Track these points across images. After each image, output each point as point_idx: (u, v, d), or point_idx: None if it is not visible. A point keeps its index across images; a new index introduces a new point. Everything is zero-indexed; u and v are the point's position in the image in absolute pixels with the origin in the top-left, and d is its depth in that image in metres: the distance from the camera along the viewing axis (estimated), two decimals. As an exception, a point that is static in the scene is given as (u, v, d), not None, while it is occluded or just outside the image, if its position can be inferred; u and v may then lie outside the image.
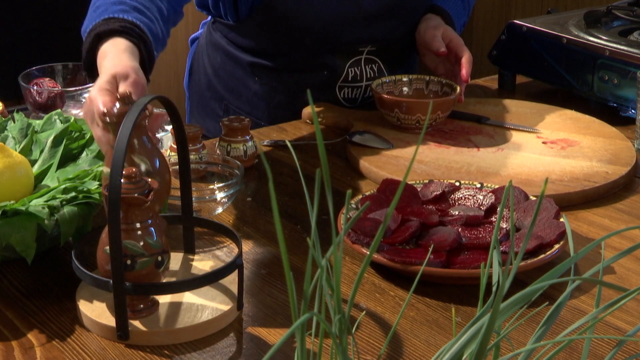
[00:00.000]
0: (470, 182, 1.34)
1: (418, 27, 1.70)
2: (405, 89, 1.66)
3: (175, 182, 1.18)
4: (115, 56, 1.23)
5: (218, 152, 1.47)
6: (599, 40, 1.73)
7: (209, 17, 1.84)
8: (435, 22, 1.69)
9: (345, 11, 1.65)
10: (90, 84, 1.71)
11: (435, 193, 1.30)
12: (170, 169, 1.19)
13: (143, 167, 1.09)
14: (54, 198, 1.15)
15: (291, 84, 1.72)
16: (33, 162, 1.29)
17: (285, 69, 1.72)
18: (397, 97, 1.61)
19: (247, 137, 1.48)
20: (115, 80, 1.17)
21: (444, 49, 1.62)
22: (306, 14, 1.63)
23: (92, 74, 1.30)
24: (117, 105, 1.09)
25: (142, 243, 1.03)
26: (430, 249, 1.14)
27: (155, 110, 1.22)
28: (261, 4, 1.64)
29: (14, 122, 1.35)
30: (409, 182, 1.33)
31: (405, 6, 1.71)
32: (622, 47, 1.69)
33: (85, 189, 1.16)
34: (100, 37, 1.29)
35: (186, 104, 1.93)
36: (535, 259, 1.15)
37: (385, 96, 1.58)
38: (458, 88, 1.61)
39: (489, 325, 0.68)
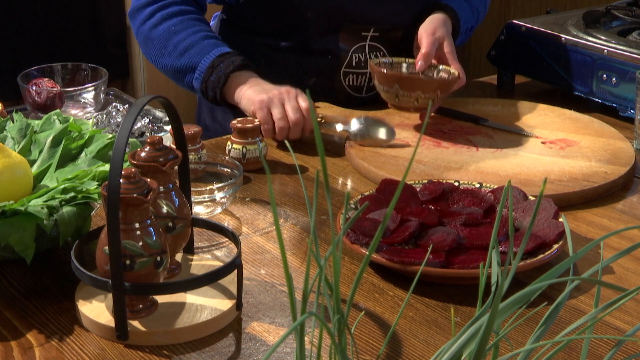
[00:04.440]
0: (469, 182, 1.34)
1: (421, 26, 1.68)
2: (402, 71, 1.64)
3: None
4: (263, 83, 1.59)
5: (232, 155, 1.46)
6: (598, 40, 1.73)
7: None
8: (436, 25, 1.65)
9: None
10: (89, 84, 1.71)
11: (434, 193, 1.30)
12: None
13: (165, 210, 1.10)
14: (53, 198, 1.15)
15: (296, 68, 1.73)
16: (32, 162, 1.29)
17: (290, 49, 1.72)
18: (398, 73, 1.59)
19: (258, 139, 1.48)
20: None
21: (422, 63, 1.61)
22: None
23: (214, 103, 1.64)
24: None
25: (141, 243, 1.03)
26: (429, 249, 1.14)
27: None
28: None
29: (13, 122, 1.35)
30: (408, 182, 1.33)
31: None
32: (621, 47, 1.69)
33: (84, 189, 1.16)
34: (228, 74, 1.60)
35: (198, 97, 1.94)
36: (534, 259, 1.15)
37: (385, 71, 1.56)
38: (457, 73, 1.59)
39: (488, 325, 0.68)
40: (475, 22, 1.81)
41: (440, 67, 1.62)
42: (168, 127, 1.62)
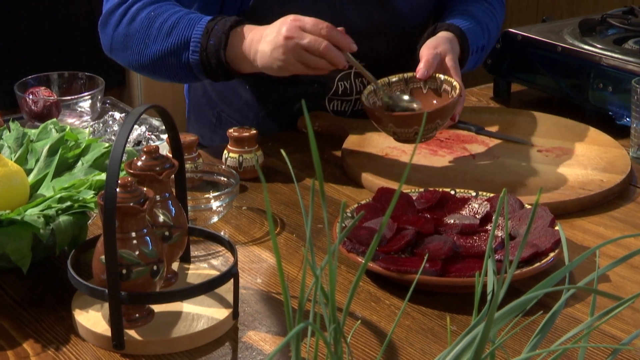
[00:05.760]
0: (466, 191, 1.34)
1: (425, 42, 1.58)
2: (400, 90, 1.52)
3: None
4: (263, 31, 1.45)
5: (228, 164, 1.47)
6: (593, 48, 1.74)
7: None
8: (439, 42, 1.54)
9: None
10: (86, 93, 1.71)
11: (430, 202, 1.30)
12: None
13: (162, 219, 1.10)
14: (49, 207, 1.15)
15: (281, 94, 1.71)
16: (28, 172, 1.29)
17: (276, 79, 1.63)
18: (390, 113, 1.46)
19: (255, 147, 1.48)
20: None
21: (421, 75, 1.50)
22: None
23: (215, 72, 1.50)
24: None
25: (137, 252, 1.03)
26: (425, 258, 1.14)
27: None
28: (246, 11, 1.63)
29: (10, 131, 1.35)
30: (405, 191, 1.33)
31: (394, 27, 1.69)
32: (616, 56, 1.69)
33: (80, 199, 1.16)
34: (227, 32, 1.47)
35: (186, 110, 1.94)
36: (531, 268, 1.15)
37: (377, 113, 1.45)
38: (458, 86, 1.47)
39: (484, 334, 0.68)
40: (487, 41, 1.71)
41: (442, 77, 1.50)
42: (165, 136, 1.62)
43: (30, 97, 1.67)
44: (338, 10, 1.64)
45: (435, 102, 1.50)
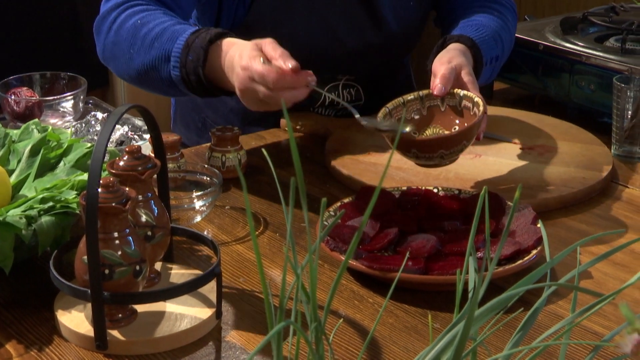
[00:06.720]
0: (449, 189, 1.35)
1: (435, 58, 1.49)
2: (416, 110, 1.43)
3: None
4: (241, 43, 1.33)
5: (211, 163, 1.46)
6: (575, 46, 1.74)
7: None
8: (452, 55, 1.46)
9: (325, 46, 1.61)
10: (68, 93, 1.71)
11: (413, 200, 1.30)
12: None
13: (144, 219, 1.10)
14: (31, 208, 1.14)
15: None
16: (10, 172, 1.28)
17: None
18: (412, 138, 1.36)
19: (238, 147, 1.48)
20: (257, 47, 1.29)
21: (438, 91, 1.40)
22: (284, 42, 1.36)
23: (198, 86, 1.38)
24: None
25: (120, 252, 1.02)
26: (407, 256, 1.14)
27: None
28: (240, 25, 1.62)
29: (-9, 132, 1.34)
30: (388, 189, 1.34)
31: (386, 45, 1.69)
32: (598, 53, 1.70)
33: (62, 199, 1.16)
34: (206, 48, 1.35)
35: (172, 113, 1.93)
36: (513, 265, 1.15)
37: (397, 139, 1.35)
38: (480, 102, 1.37)
39: (464, 332, 0.69)
40: (500, 51, 1.63)
41: (462, 93, 1.40)
42: (147, 136, 1.61)
43: (13, 97, 1.66)
44: (331, 28, 1.63)
45: (457, 120, 1.41)
